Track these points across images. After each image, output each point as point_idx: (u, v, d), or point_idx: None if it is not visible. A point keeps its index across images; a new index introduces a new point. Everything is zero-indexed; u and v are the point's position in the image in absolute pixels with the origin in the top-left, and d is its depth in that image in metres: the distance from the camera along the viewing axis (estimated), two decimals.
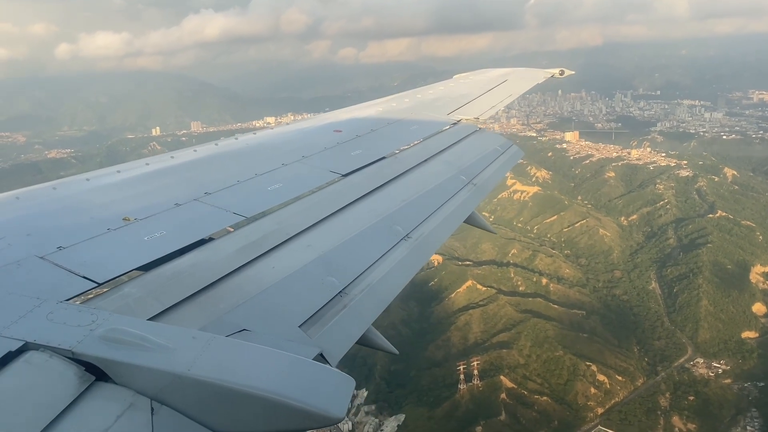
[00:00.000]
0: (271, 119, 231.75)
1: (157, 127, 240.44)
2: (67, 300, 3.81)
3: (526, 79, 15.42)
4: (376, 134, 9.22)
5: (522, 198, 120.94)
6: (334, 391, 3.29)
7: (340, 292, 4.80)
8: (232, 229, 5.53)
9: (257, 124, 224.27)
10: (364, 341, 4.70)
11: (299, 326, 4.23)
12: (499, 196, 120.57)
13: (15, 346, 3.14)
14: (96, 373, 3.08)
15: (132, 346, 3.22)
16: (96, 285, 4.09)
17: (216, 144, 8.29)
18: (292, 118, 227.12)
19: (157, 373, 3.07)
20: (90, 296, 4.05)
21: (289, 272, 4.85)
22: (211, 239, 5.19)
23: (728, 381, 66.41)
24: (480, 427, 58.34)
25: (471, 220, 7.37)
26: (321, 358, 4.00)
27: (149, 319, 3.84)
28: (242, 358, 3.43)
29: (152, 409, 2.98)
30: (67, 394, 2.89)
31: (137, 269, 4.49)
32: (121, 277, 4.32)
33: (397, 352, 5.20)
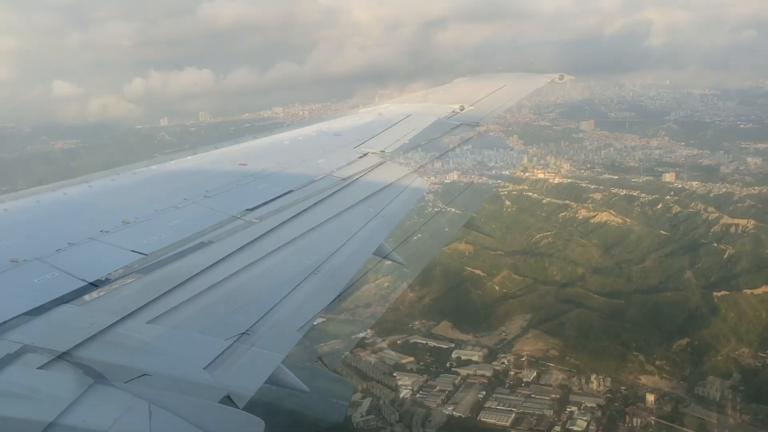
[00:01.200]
0: (279, 109, 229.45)
1: (165, 118, 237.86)
2: (66, 302, 3.81)
3: (526, 84, 16.04)
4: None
5: (544, 187, 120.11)
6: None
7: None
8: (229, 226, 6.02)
9: (264, 115, 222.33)
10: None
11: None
12: (521, 186, 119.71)
13: (13, 348, 3.12)
14: (94, 375, 3.07)
15: (130, 349, 3.26)
16: (95, 287, 4.11)
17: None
18: (300, 108, 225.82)
19: (155, 375, 3.09)
20: (88, 298, 4.05)
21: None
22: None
23: None
24: (534, 419, 57.65)
25: (470, 225, 7.33)
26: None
27: (148, 323, 3.84)
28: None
29: (150, 411, 2.96)
30: (65, 397, 2.87)
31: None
32: (116, 280, 4.35)
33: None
